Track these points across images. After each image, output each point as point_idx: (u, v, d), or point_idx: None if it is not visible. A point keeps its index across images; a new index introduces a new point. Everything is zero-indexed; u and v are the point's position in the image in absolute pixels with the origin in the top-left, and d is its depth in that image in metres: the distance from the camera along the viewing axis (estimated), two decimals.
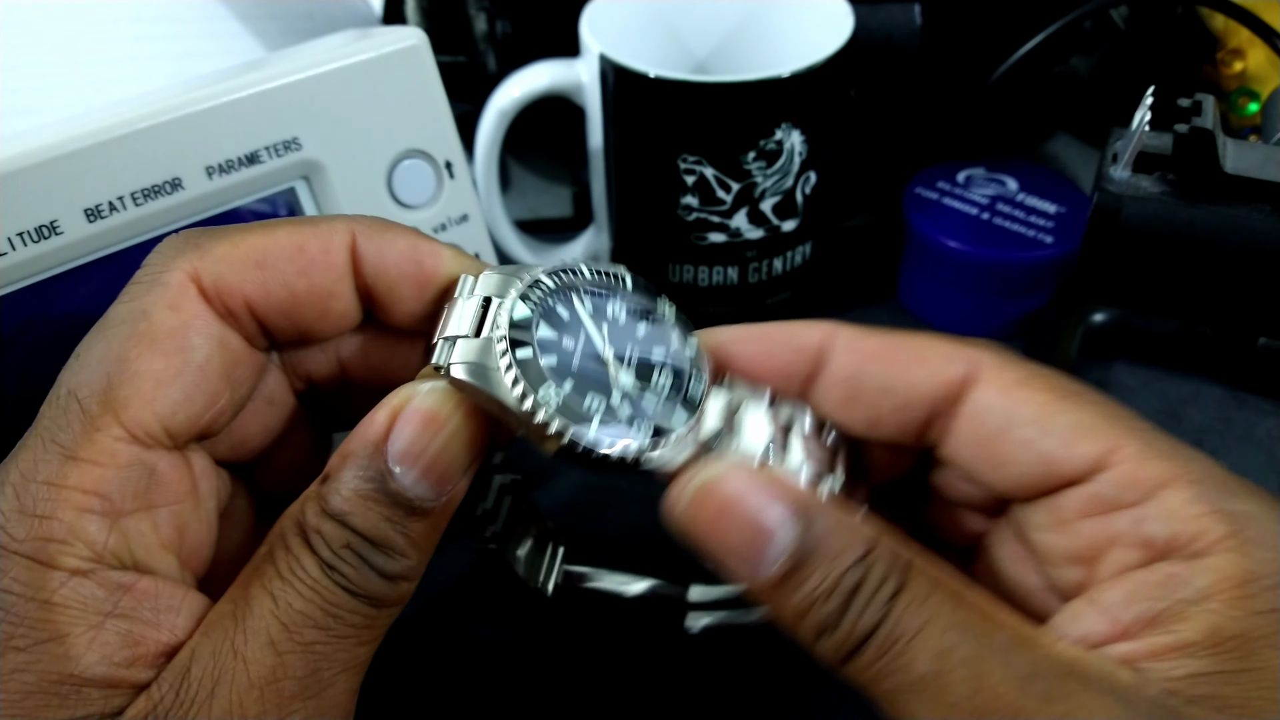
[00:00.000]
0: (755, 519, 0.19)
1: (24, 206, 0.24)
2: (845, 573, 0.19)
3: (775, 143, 0.37)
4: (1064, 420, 0.21)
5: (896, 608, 0.18)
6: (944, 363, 0.22)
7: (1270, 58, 0.45)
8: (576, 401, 0.20)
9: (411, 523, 0.20)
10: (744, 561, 0.19)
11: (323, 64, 0.28)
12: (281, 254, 0.21)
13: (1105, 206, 0.36)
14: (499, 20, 0.48)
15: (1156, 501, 0.20)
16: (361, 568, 0.19)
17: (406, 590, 0.20)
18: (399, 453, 0.20)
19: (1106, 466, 0.20)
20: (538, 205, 0.51)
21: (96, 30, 0.38)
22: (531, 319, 0.21)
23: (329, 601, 0.19)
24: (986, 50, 0.43)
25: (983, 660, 0.18)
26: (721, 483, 0.20)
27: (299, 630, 0.19)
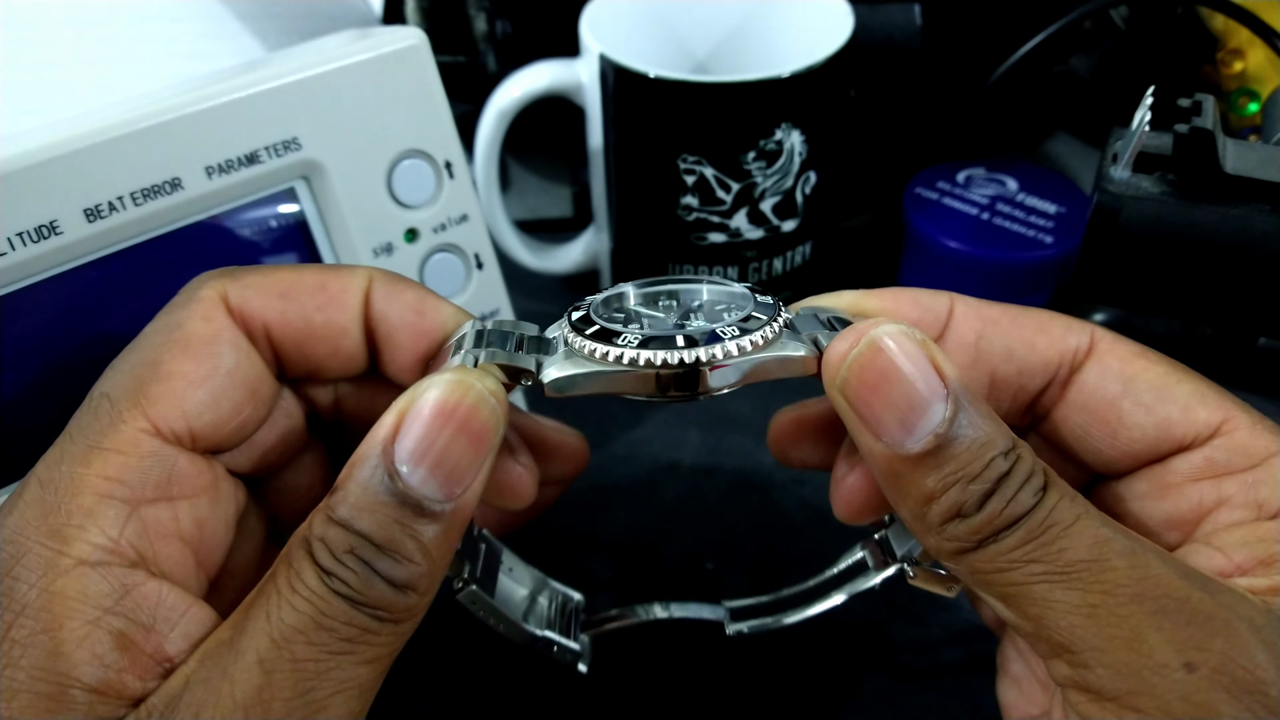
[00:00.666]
0: (915, 390, 0.19)
1: (24, 206, 0.24)
2: (994, 460, 0.19)
3: (775, 143, 0.37)
4: (1183, 389, 0.22)
5: (1050, 498, 0.18)
6: (1064, 332, 0.23)
7: (1270, 58, 0.45)
8: (656, 331, 0.20)
9: (421, 525, 0.19)
10: (894, 429, 0.19)
11: (323, 64, 0.28)
12: (305, 288, 0.22)
13: (1105, 206, 0.36)
14: (499, 20, 0.48)
15: (1267, 467, 0.21)
16: (365, 573, 0.19)
17: (416, 604, 0.19)
18: (406, 451, 0.19)
19: (1221, 434, 0.21)
20: (538, 205, 0.51)
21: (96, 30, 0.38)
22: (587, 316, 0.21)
23: (323, 613, 0.18)
24: (986, 50, 0.43)
25: (1141, 554, 0.18)
26: (892, 343, 0.19)
27: (289, 646, 0.18)
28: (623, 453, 0.38)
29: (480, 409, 0.20)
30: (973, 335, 0.23)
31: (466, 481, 0.20)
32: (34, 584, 0.18)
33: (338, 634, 0.18)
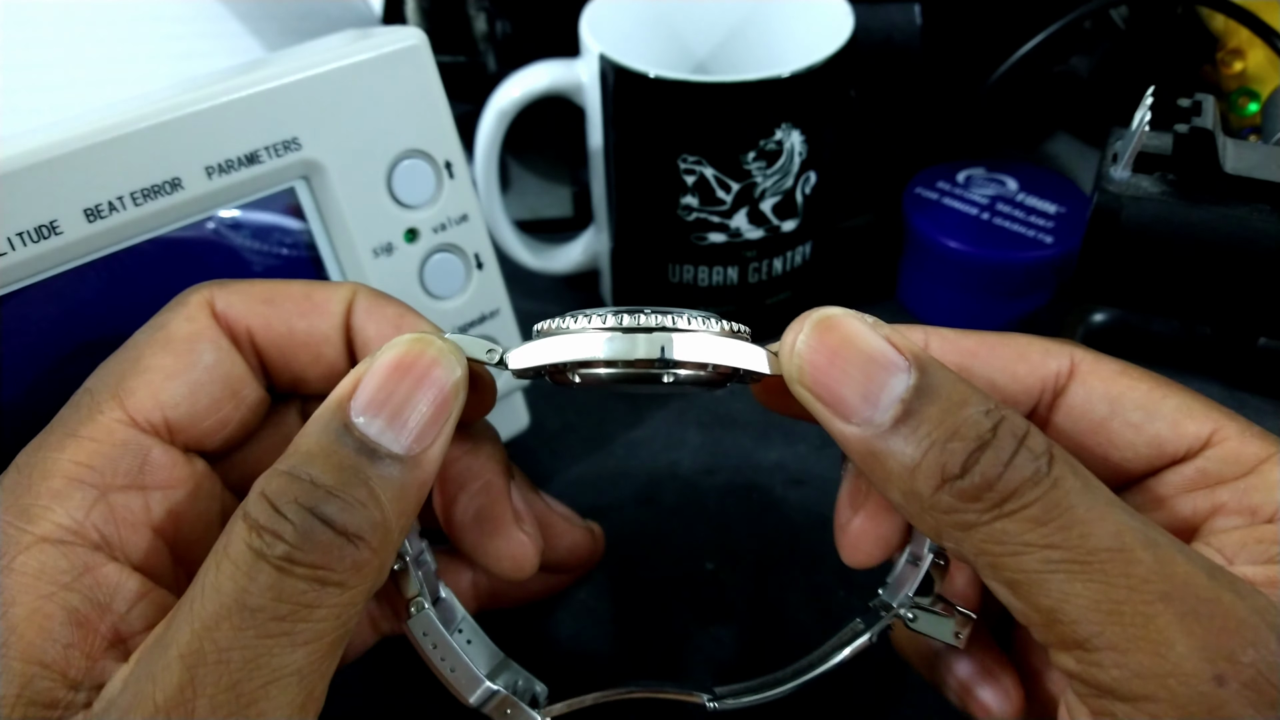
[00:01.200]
0: (872, 361, 0.19)
1: (24, 206, 0.24)
2: (971, 416, 0.18)
3: (775, 143, 0.37)
4: (1169, 404, 0.22)
5: (1064, 475, 0.17)
6: (1044, 357, 0.23)
7: (1270, 58, 0.45)
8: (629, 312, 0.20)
9: (377, 470, 0.18)
10: (859, 405, 0.18)
11: (322, 64, 0.28)
12: (290, 297, 0.23)
13: (1105, 206, 0.36)
14: (499, 20, 0.48)
15: (1259, 474, 0.21)
16: (305, 521, 0.17)
17: (365, 561, 0.18)
18: (362, 403, 0.19)
19: (1211, 445, 0.21)
20: (538, 205, 0.51)
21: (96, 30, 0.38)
22: None
23: (248, 590, 0.17)
24: (986, 50, 0.43)
25: (1165, 547, 0.17)
26: (840, 319, 0.19)
27: (210, 635, 0.16)
28: (622, 453, 0.38)
29: (440, 363, 0.19)
30: (952, 369, 0.23)
31: (426, 438, 0.19)
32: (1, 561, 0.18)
33: (266, 613, 0.17)
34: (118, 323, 0.27)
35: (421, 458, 0.19)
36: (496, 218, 0.41)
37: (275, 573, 0.17)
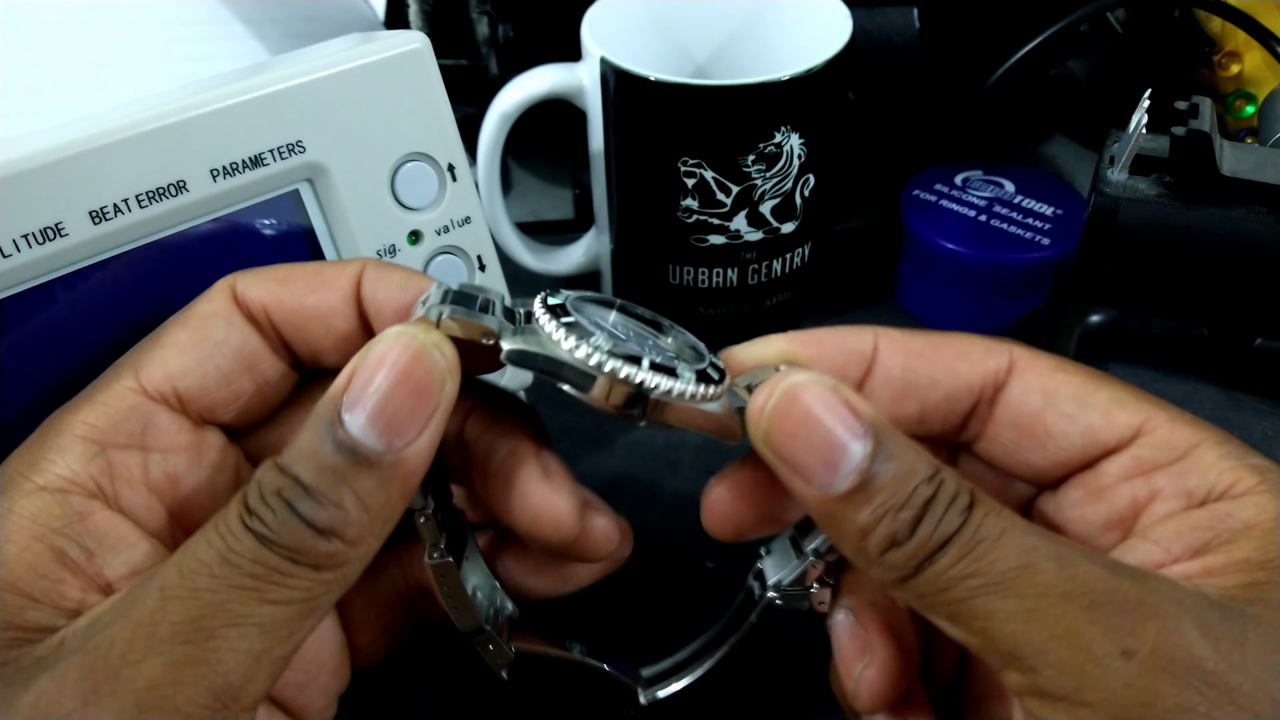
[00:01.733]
0: (833, 432, 0.20)
1: (28, 209, 0.24)
2: (918, 487, 0.19)
3: (774, 145, 0.37)
4: (1101, 395, 0.23)
5: (976, 514, 0.19)
6: (984, 355, 0.24)
7: (1267, 60, 0.45)
8: (624, 348, 0.21)
9: (356, 475, 0.19)
10: (820, 472, 0.20)
11: (326, 68, 0.28)
12: (302, 275, 0.24)
13: (1102, 208, 0.36)
14: (501, 24, 0.48)
15: (1191, 459, 0.22)
16: (284, 513, 0.19)
17: (340, 553, 0.19)
18: (349, 399, 0.19)
19: (1143, 433, 0.22)
20: (539, 207, 0.51)
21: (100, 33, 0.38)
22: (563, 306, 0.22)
23: (231, 549, 0.19)
24: (984, 53, 0.44)
25: (1068, 555, 0.19)
26: (804, 393, 0.20)
27: (191, 576, 0.19)
28: (623, 452, 0.38)
29: (422, 359, 0.20)
30: (898, 369, 0.24)
31: (408, 434, 0.19)
32: (5, 507, 0.20)
33: (242, 570, 0.18)
34: (122, 324, 0.27)
35: (405, 454, 0.20)
36: (499, 220, 0.41)
37: (256, 543, 0.19)
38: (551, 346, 0.21)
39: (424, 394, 0.20)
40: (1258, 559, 0.19)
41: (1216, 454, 0.22)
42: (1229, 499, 0.21)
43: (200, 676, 0.18)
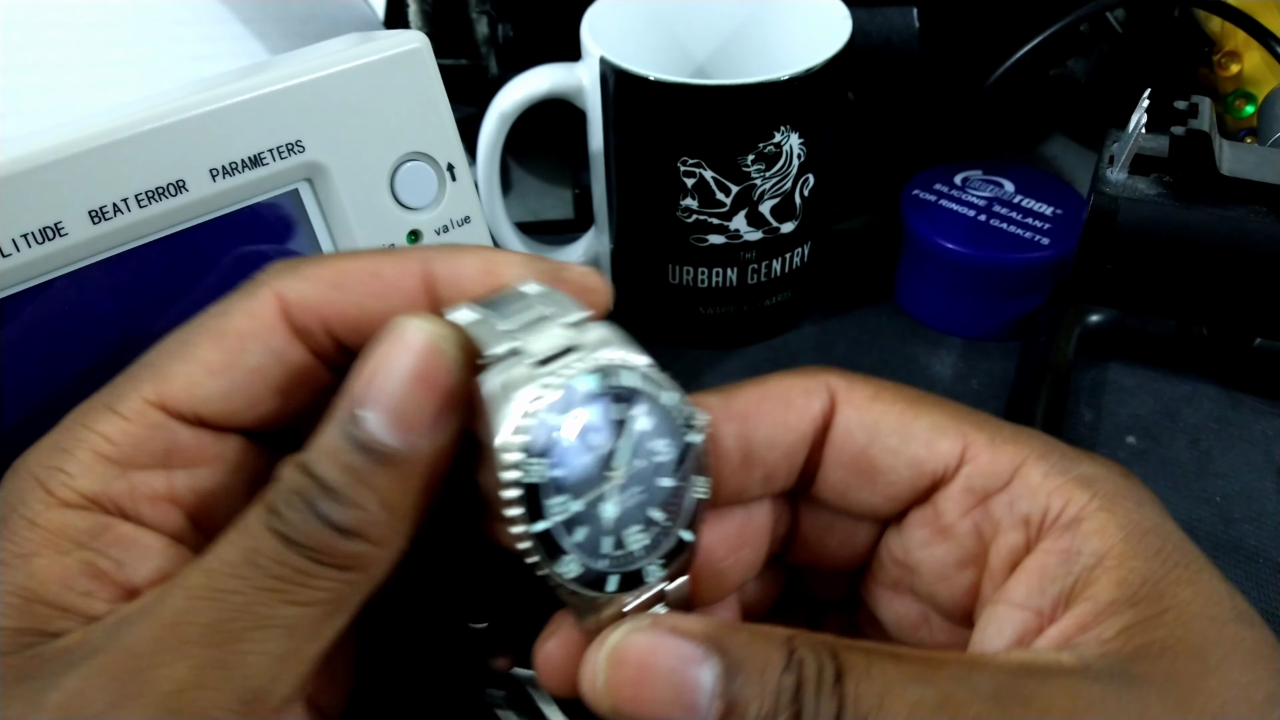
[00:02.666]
0: (674, 665, 0.19)
1: (28, 208, 0.24)
2: (780, 681, 0.18)
3: (774, 145, 0.37)
4: (921, 424, 0.22)
5: (848, 688, 0.18)
6: (806, 399, 0.23)
7: (1266, 60, 0.45)
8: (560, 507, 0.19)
9: (375, 473, 0.19)
10: (680, 714, 0.19)
11: (326, 67, 0.28)
12: (358, 277, 0.22)
13: (1102, 208, 0.36)
14: (500, 24, 0.48)
15: (1019, 482, 0.21)
16: (304, 513, 0.18)
17: (365, 553, 0.19)
18: (366, 396, 0.19)
19: (965, 461, 0.22)
20: (539, 207, 0.51)
21: (100, 33, 0.38)
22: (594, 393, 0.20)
23: (255, 549, 0.18)
24: (984, 53, 0.44)
25: (952, 698, 0.18)
26: (629, 644, 0.19)
27: (216, 578, 0.18)
28: None
29: (434, 352, 0.19)
30: (731, 439, 0.23)
31: (425, 429, 0.19)
32: (25, 515, 0.20)
33: (266, 571, 0.18)
34: (122, 324, 0.27)
35: (424, 449, 0.19)
36: (498, 219, 0.41)
37: (280, 544, 0.18)
38: (502, 424, 0.19)
39: (438, 387, 0.19)
40: (1123, 596, 0.19)
41: (1041, 472, 0.21)
42: (1068, 528, 0.20)
43: (227, 680, 0.18)
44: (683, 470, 0.21)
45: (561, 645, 0.21)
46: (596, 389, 0.20)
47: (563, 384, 0.20)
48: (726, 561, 0.23)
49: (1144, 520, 0.20)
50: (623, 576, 0.20)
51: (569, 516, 0.20)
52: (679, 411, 0.21)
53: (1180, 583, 0.19)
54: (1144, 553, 0.20)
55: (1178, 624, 0.19)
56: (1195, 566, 0.20)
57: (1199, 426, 0.38)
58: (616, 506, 0.20)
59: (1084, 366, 0.40)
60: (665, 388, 0.21)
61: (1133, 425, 0.38)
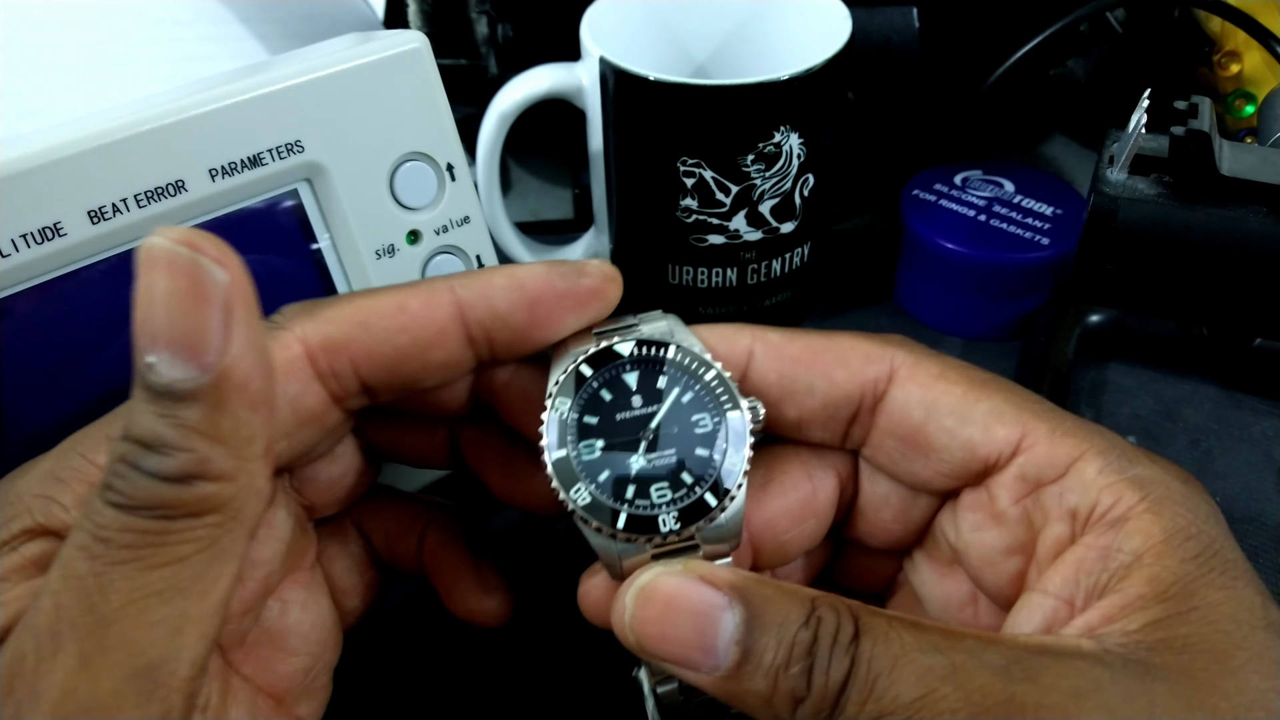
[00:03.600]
0: (698, 609, 0.19)
1: (27, 208, 0.24)
2: (796, 634, 0.19)
3: (774, 145, 0.37)
4: (981, 408, 0.22)
5: (863, 649, 0.18)
6: (863, 363, 0.23)
7: (1267, 60, 0.45)
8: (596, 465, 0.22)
9: (181, 410, 0.17)
10: (699, 654, 0.19)
11: (325, 67, 0.28)
12: (384, 313, 0.23)
13: (1102, 208, 0.36)
14: (500, 24, 0.48)
15: (1073, 475, 0.21)
16: (131, 474, 0.18)
17: (212, 493, 0.18)
18: (144, 343, 0.18)
19: (1021, 450, 0.22)
20: (539, 207, 0.51)
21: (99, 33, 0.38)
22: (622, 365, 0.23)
23: (98, 526, 0.18)
24: (984, 53, 0.44)
25: (961, 667, 0.18)
26: (657, 584, 0.20)
27: (70, 565, 0.18)
28: None
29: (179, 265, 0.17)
30: (774, 375, 0.24)
31: (214, 345, 0.18)
32: (2, 539, 0.20)
33: (115, 543, 0.17)
34: (121, 325, 0.27)
35: (224, 367, 0.18)
36: (498, 220, 0.41)
37: (120, 513, 0.18)
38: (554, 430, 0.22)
39: (203, 297, 0.17)
40: (1153, 592, 0.19)
41: (1097, 468, 0.21)
42: (1113, 525, 0.20)
43: (115, 664, 0.17)
44: (721, 443, 0.22)
45: (601, 584, 0.23)
46: (637, 354, 0.23)
47: (607, 345, 0.23)
48: (790, 534, 0.24)
49: (1190, 525, 0.20)
50: (630, 517, 0.22)
51: (594, 458, 0.22)
52: (724, 390, 0.23)
53: (1213, 586, 0.19)
54: (1182, 555, 0.20)
55: (1203, 624, 0.19)
56: (1233, 573, 0.20)
57: (1199, 426, 0.38)
58: (644, 462, 0.22)
59: (1084, 366, 0.40)
60: (711, 368, 0.23)
61: (1133, 425, 0.38)
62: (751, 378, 0.24)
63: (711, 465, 0.22)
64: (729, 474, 0.22)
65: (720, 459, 0.22)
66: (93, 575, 0.17)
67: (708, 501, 0.22)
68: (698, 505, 0.22)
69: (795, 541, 0.25)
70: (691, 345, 0.23)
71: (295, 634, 0.25)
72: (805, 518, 0.24)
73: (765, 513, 0.24)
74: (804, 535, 0.25)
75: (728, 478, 0.22)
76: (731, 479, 0.22)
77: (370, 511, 0.28)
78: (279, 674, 0.25)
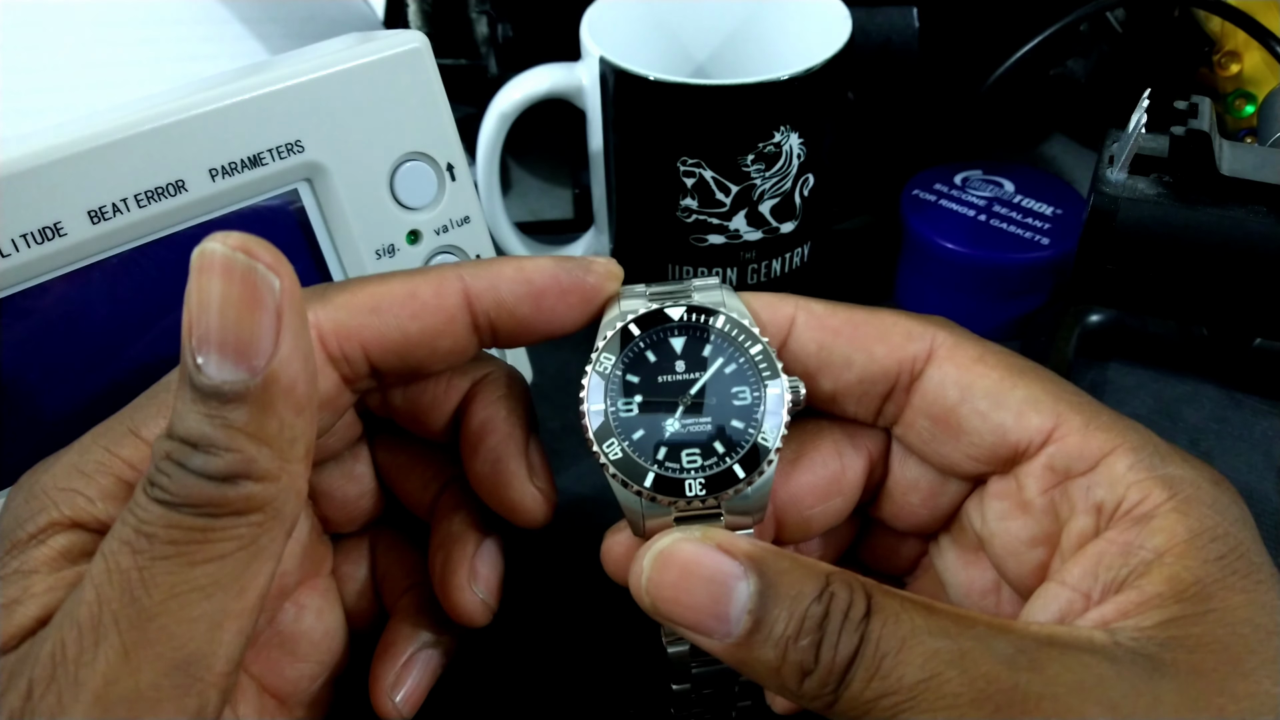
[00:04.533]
0: (714, 576, 0.20)
1: (27, 208, 0.24)
2: (808, 608, 0.19)
3: (774, 145, 0.37)
4: (1017, 394, 0.22)
5: (873, 627, 0.19)
6: (904, 340, 0.23)
7: (1266, 60, 0.45)
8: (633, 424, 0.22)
9: (229, 411, 0.18)
10: (712, 621, 0.19)
11: (325, 67, 0.28)
12: (395, 300, 0.23)
13: (1101, 208, 0.36)
14: (500, 24, 0.48)
15: (1102, 469, 0.21)
16: (178, 474, 0.18)
17: (257, 493, 0.18)
18: (194, 340, 0.18)
19: (1053, 440, 0.22)
20: (539, 207, 0.51)
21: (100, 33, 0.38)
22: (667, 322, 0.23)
23: (143, 522, 0.18)
24: (984, 53, 0.44)
25: (968, 653, 0.18)
26: (675, 549, 0.20)
27: (113, 558, 0.18)
28: None
29: (237, 269, 0.18)
30: (814, 345, 0.24)
31: (264, 350, 0.18)
32: (30, 532, 0.20)
33: (159, 539, 0.18)
34: (121, 324, 0.27)
35: (272, 371, 0.18)
36: (498, 219, 0.41)
37: (166, 510, 0.18)
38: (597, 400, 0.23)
39: (256, 303, 0.18)
40: (1170, 591, 0.19)
41: (1128, 463, 0.21)
42: (1137, 521, 0.20)
43: (156, 656, 0.18)
44: (757, 417, 0.22)
45: (624, 541, 0.23)
46: (686, 320, 0.23)
47: (659, 307, 0.23)
48: (815, 510, 0.25)
49: (1216, 526, 0.20)
50: (658, 478, 0.22)
51: (632, 415, 0.22)
52: (765, 364, 0.23)
53: (1233, 589, 0.19)
54: (1204, 555, 0.20)
55: (1219, 624, 0.19)
56: (1255, 577, 0.20)
57: (1199, 426, 0.38)
58: (680, 426, 0.22)
59: (1084, 366, 0.40)
60: (757, 342, 0.23)
61: None
62: (791, 346, 0.24)
63: (745, 438, 0.22)
64: (762, 449, 0.22)
65: (755, 433, 0.22)
66: (136, 569, 0.18)
67: (736, 473, 0.22)
68: (726, 475, 0.22)
69: (819, 518, 0.25)
70: (741, 316, 0.24)
71: (307, 640, 0.25)
72: (831, 495, 0.25)
73: (792, 487, 0.24)
74: (829, 512, 0.25)
75: (760, 452, 0.22)
76: (763, 454, 0.22)
77: (386, 534, 0.28)
78: (286, 677, 0.25)
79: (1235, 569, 0.19)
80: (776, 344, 0.24)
